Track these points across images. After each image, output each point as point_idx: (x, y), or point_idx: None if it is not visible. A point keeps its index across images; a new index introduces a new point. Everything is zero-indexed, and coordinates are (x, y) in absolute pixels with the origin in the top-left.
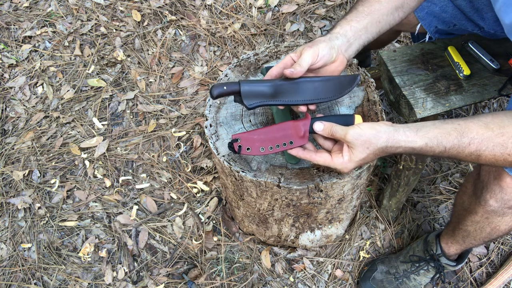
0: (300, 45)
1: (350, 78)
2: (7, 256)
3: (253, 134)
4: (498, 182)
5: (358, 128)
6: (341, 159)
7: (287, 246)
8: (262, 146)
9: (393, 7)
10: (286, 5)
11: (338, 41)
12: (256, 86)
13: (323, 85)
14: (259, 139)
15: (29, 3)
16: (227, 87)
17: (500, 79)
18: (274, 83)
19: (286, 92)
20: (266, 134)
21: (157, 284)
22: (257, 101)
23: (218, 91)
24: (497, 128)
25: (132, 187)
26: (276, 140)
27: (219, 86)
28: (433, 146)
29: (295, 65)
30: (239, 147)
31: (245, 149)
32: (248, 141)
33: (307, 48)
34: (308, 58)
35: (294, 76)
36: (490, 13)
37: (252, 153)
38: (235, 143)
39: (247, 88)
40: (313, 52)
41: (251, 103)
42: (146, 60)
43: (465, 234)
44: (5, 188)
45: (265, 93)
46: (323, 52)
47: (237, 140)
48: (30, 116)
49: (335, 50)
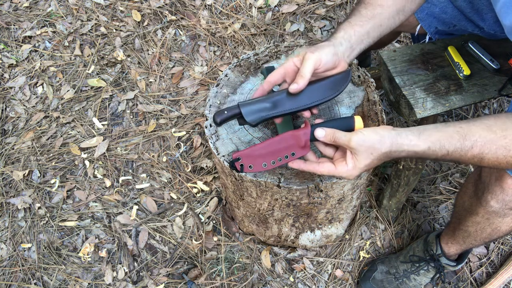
0: (300, 45)
1: (342, 75)
2: (7, 256)
3: (254, 151)
4: (499, 183)
5: (361, 134)
6: (346, 167)
7: (287, 246)
8: (264, 162)
9: (394, 10)
10: (286, 5)
11: (342, 47)
12: (255, 103)
13: (319, 87)
14: (260, 154)
15: (29, 3)
16: (228, 111)
17: (500, 79)
18: (272, 97)
19: (285, 102)
20: (266, 149)
21: (157, 284)
22: (259, 115)
23: (221, 117)
24: (499, 130)
25: (132, 187)
26: (277, 153)
27: (220, 113)
28: (435, 150)
29: (298, 78)
30: (241, 166)
31: (247, 167)
32: (250, 158)
33: (309, 54)
34: (311, 67)
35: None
36: (490, 13)
37: (255, 170)
38: (237, 163)
39: (247, 107)
40: (315, 59)
41: (254, 119)
42: (146, 60)
43: (465, 234)
44: (5, 188)
45: (265, 108)
46: (326, 58)
47: (239, 159)
48: (30, 116)
49: (338, 57)
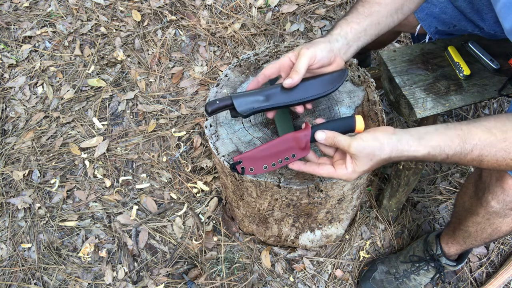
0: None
1: (338, 73)
2: (7, 256)
3: (255, 153)
4: (500, 183)
5: (362, 141)
6: (345, 170)
7: (287, 246)
8: (265, 164)
9: (392, 9)
10: (286, 5)
11: (338, 43)
12: (248, 95)
13: (314, 82)
14: (260, 157)
15: (29, 3)
16: (220, 101)
17: (500, 79)
18: (265, 90)
19: (278, 95)
20: (267, 151)
21: (157, 284)
22: (250, 106)
23: (212, 107)
24: (499, 133)
25: (132, 187)
26: (278, 155)
27: (212, 103)
28: (435, 155)
29: (293, 73)
30: (242, 169)
31: (249, 169)
32: (251, 161)
33: (304, 49)
34: (305, 62)
35: (293, 86)
36: (490, 13)
37: (256, 172)
38: (238, 165)
39: (239, 99)
40: (310, 55)
41: (245, 110)
42: (146, 60)
43: (465, 234)
44: (5, 188)
45: (257, 100)
46: (321, 54)
47: (240, 162)
48: (30, 116)
49: (334, 53)
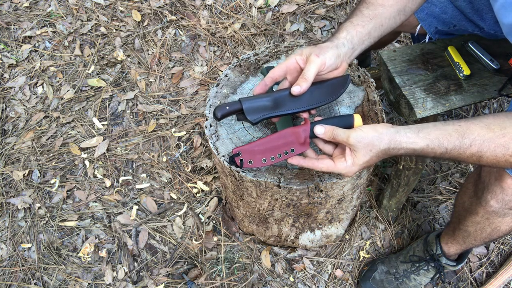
0: (300, 45)
1: (341, 79)
2: (7, 256)
3: (254, 146)
4: (499, 183)
5: (360, 131)
6: (345, 164)
7: (287, 246)
8: (264, 158)
9: (396, 10)
10: (286, 5)
11: (345, 48)
12: (257, 101)
13: (319, 90)
14: (260, 150)
15: (29, 3)
16: (229, 107)
17: (500, 79)
18: (273, 96)
19: (286, 102)
20: (266, 144)
21: (157, 284)
22: (260, 115)
23: (222, 112)
24: (498, 129)
25: (132, 187)
26: (277, 149)
27: (221, 107)
28: (434, 148)
29: (301, 81)
30: (241, 161)
31: (247, 162)
32: (250, 153)
33: (314, 56)
34: (315, 70)
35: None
36: (490, 13)
37: (255, 165)
38: (237, 158)
39: (249, 105)
40: (320, 62)
41: (255, 118)
42: (146, 60)
43: (465, 234)
44: (5, 188)
45: (266, 106)
46: (330, 61)
47: (239, 154)
48: (30, 116)
49: (341, 59)
